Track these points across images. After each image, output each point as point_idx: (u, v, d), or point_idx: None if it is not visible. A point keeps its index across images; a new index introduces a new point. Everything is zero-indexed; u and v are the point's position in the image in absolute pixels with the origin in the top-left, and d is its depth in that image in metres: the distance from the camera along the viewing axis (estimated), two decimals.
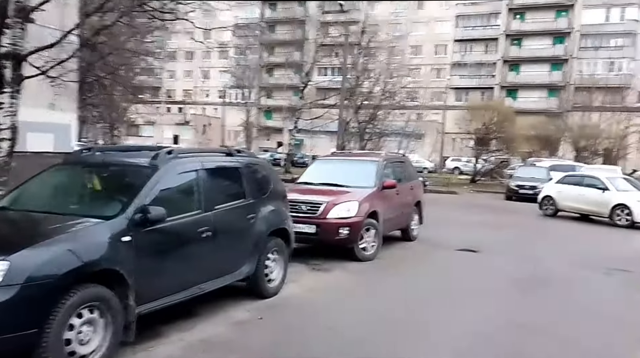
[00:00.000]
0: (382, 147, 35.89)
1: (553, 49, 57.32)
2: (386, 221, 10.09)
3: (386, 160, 10.88)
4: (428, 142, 58.41)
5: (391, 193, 10.38)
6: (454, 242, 11.72)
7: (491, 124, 33.71)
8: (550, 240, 13.50)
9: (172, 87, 73.76)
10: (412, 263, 9.70)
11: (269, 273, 6.86)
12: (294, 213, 9.00)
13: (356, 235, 9.12)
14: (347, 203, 9.19)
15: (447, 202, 22.65)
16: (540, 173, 26.07)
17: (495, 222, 16.16)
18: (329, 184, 10.09)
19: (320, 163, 11.35)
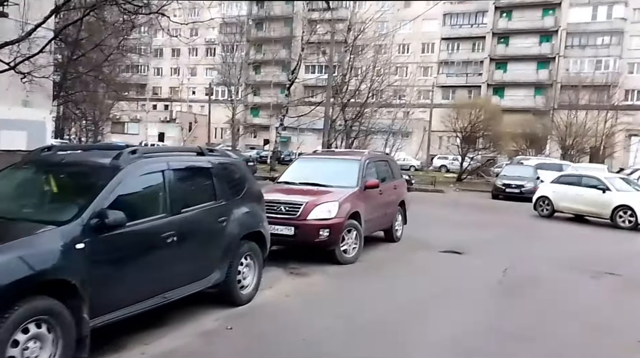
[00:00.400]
0: (369, 145, 35.77)
1: (540, 48, 57.29)
2: (368, 222, 9.77)
3: (369, 159, 10.54)
4: (415, 140, 58.29)
5: (374, 192, 10.06)
6: (438, 243, 11.42)
7: (477, 122, 33.49)
8: (538, 240, 13.22)
9: (158, 85, 73.10)
10: (394, 266, 9.38)
11: (241, 279, 6.51)
12: (273, 214, 8.69)
13: (337, 236, 8.79)
14: (327, 204, 8.85)
15: (433, 201, 22.41)
16: (527, 171, 25.91)
17: (481, 222, 15.87)
18: (310, 184, 9.74)
19: (302, 162, 10.99)
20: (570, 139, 39.96)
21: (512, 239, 12.91)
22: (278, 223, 8.68)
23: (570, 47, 56.09)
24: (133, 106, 60.43)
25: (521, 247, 11.84)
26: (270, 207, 8.78)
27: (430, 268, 9.36)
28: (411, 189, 26.60)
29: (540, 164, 29.36)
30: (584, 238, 14.17)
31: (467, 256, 10.44)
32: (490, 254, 10.69)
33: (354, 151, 12.01)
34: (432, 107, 50.62)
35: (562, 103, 47.12)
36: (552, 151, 44.33)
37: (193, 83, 69.83)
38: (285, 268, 8.55)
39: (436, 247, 10.99)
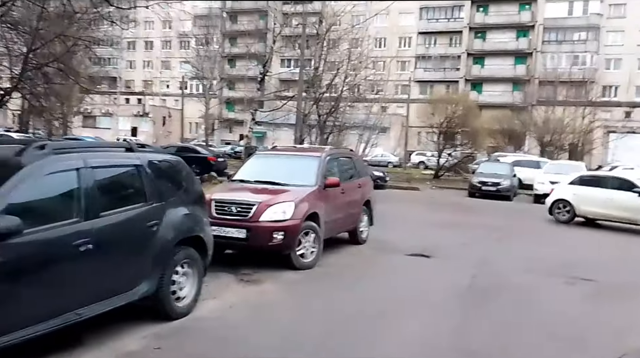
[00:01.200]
0: (344, 141, 35.19)
1: (517, 43, 57.23)
2: (329, 224, 9.16)
3: (330, 155, 9.91)
4: (393, 136, 57.82)
5: (335, 191, 9.45)
6: (407, 245, 10.86)
7: (454, 117, 33.08)
8: (513, 242, 12.68)
9: (131, 78, 71.64)
10: (355, 272, 8.78)
11: (177, 289, 5.84)
12: (223, 215, 8.08)
13: (293, 240, 8.16)
14: (282, 204, 8.21)
15: (407, 199, 21.92)
16: (504, 168, 25.55)
17: (455, 222, 15.34)
18: (265, 183, 9.09)
19: (258, 159, 10.30)
20: (548, 136, 39.81)
21: (486, 241, 12.36)
22: (229, 225, 8.05)
23: (548, 43, 56.07)
24: (105, 100, 58.97)
25: (494, 250, 11.30)
26: (220, 208, 8.18)
27: (394, 274, 8.76)
28: (385, 187, 26.17)
29: (517, 161, 29.07)
30: (566, 239, 13.72)
31: (436, 260, 9.89)
32: (460, 258, 10.14)
33: (315, 148, 11.38)
34: (409, 102, 50.19)
35: (540, 99, 47.01)
36: (530, 147, 44.23)
37: (167, 76, 68.52)
38: (237, 274, 7.90)
39: (403, 250, 10.42)
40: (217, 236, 7.99)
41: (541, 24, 55.93)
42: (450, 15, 60.62)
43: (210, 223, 8.03)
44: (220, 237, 8.05)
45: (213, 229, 7.97)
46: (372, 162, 49.68)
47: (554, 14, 55.45)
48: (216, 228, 8.02)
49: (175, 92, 65.93)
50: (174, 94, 66.71)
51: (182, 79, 54.13)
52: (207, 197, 8.42)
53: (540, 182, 23.17)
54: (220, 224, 8.07)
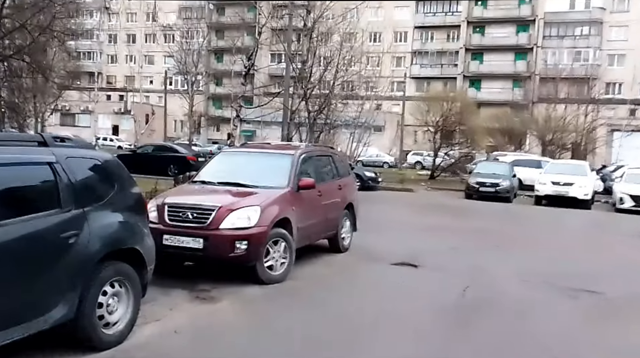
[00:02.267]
0: (335, 140, 34.36)
1: (517, 38, 56.70)
2: (303, 230, 8.34)
3: (305, 153, 9.07)
4: (388, 135, 57.12)
5: (311, 194, 8.61)
6: (393, 253, 10.03)
7: (450, 115, 32.29)
8: (511, 248, 11.84)
9: (112, 73, 70.59)
10: (330, 285, 7.94)
11: (105, 314, 4.99)
12: (177, 222, 7.27)
13: (258, 250, 7.31)
14: (246, 209, 7.37)
15: (399, 201, 21.14)
16: (502, 168, 24.78)
17: (448, 226, 14.50)
18: (230, 184, 8.26)
19: (224, 157, 9.41)
20: (550, 134, 39.16)
21: (481, 247, 11.52)
22: (183, 233, 7.22)
23: (549, 38, 55.58)
24: (84, 96, 58.05)
25: (489, 257, 10.46)
26: (174, 214, 7.36)
27: (375, 287, 7.92)
28: (377, 188, 25.41)
29: (517, 161, 28.35)
30: (571, 244, 12.90)
31: (424, 270, 9.07)
32: (451, 267, 9.32)
33: (289, 145, 10.51)
34: (405, 100, 49.40)
35: (541, 96, 46.47)
36: (531, 146, 43.62)
37: (150, 72, 67.51)
38: (192, 290, 7.06)
39: (389, 258, 9.59)
40: (169, 247, 7.26)
41: (542, 18, 55.38)
42: (447, 9, 60.01)
43: (163, 232, 7.28)
44: (174, 248, 7.28)
45: (166, 238, 7.24)
46: (367, 162, 49.30)
47: (555, 8, 54.94)
48: (169, 237, 7.26)
49: (159, 89, 65.01)
50: (157, 90, 65.80)
51: (164, 74, 53.15)
52: (159, 201, 7.63)
53: (541, 182, 22.46)
54: (173, 232, 7.25)
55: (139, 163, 26.87)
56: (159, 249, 7.39)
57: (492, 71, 56.88)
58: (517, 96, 53.46)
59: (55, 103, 47.95)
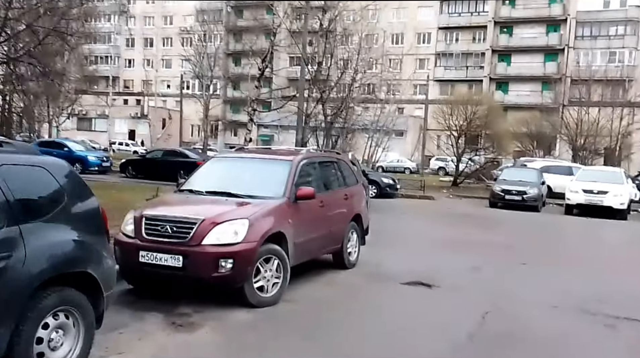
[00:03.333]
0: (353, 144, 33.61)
1: (547, 38, 55.40)
2: (301, 246, 7.59)
3: (306, 160, 8.31)
4: (410, 140, 56.21)
5: (311, 204, 7.86)
6: (406, 270, 9.24)
7: (474, 118, 31.31)
8: (540, 265, 10.91)
9: (130, 77, 70.67)
10: (330, 310, 7.15)
11: (46, 350, 4.29)
12: (155, 237, 6.60)
13: (245, 269, 6.58)
14: (232, 222, 6.64)
15: (418, 210, 20.30)
16: (530, 175, 23.79)
17: (469, 238, 13.64)
18: (220, 194, 7.53)
19: (216, 164, 8.66)
20: (581, 139, 37.97)
21: (505, 264, 10.64)
22: (161, 249, 6.52)
23: (581, 38, 54.26)
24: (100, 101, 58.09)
25: (515, 277, 9.60)
26: (152, 227, 6.70)
27: (380, 312, 7.11)
28: (396, 196, 24.58)
29: (546, 167, 27.30)
30: (609, 262, 11.92)
31: (438, 291, 8.25)
32: (470, 288, 8.49)
33: (289, 151, 9.71)
34: (428, 103, 48.43)
35: (572, 99, 45.20)
36: (561, 151, 42.43)
37: (167, 75, 67.41)
38: (170, 314, 6.34)
39: (400, 277, 8.78)
40: (146, 265, 6.60)
41: (574, 17, 54.09)
42: (473, 9, 58.98)
43: (139, 247, 6.62)
44: (151, 266, 6.60)
45: (142, 255, 6.57)
46: (387, 168, 48.47)
47: (588, 7, 53.71)
48: (145, 254, 6.58)
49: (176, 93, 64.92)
50: (174, 94, 65.72)
51: (180, 78, 52.94)
52: (137, 213, 6.96)
53: (572, 191, 21.44)
54: (150, 248, 6.56)
55: (148, 168, 26.48)
56: (135, 267, 6.80)
57: (521, 73, 55.66)
58: (546, 99, 52.09)
59: (71, 108, 48.01)
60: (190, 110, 55.66)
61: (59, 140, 30.96)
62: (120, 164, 28.34)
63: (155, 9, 64.50)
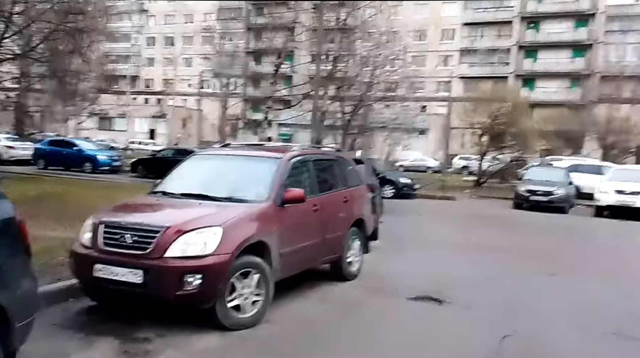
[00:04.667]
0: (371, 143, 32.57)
1: (575, 33, 53.63)
2: (289, 256, 6.59)
3: (297, 157, 7.28)
4: (433, 138, 54.83)
5: (301, 209, 6.85)
6: (415, 282, 8.21)
7: (498, 115, 29.94)
8: (567, 277, 9.71)
9: (150, 76, 70.32)
10: (320, 332, 6.09)
11: None
12: (113, 247, 5.65)
13: (216, 286, 5.59)
14: (201, 231, 5.65)
15: (436, 211, 19.16)
16: (557, 175, 22.46)
17: (489, 244, 12.48)
18: (195, 196, 6.57)
19: (195, 162, 7.62)
20: (612, 137, 36.39)
21: (528, 275, 9.49)
22: (119, 262, 5.57)
23: (611, 33, 52.42)
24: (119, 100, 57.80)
25: (538, 290, 8.46)
26: (110, 236, 5.75)
27: (379, 335, 6.06)
28: (414, 196, 23.43)
29: (574, 166, 25.89)
30: None
31: (450, 308, 7.17)
32: (486, 303, 7.41)
33: (281, 147, 8.62)
34: (451, 101, 47.02)
35: (602, 96, 43.58)
36: (590, 150, 40.83)
37: (187, 74, 66.89)
38: (127, 339, 5.39)
39: (407, 290, 7.74)
40: (103, 281, 5.67)
41: (603, 12, 52.27)
42: (498, 4, 57.44)
43: (94, 260, 5.69)
44: (108, 282, 5.64)
45: (98, 269, 5.64)
46: (409, 167, 47.19)
47: (618, 1, 51.90)
48: (102, 268, 5.65)
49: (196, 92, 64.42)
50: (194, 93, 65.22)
51: (199, 76, 52.33)
52: (96, 219, 6.03)
53: (603, 191, 20.08)
54: (107, 261, 5.62)
55: (159, 167, 25.55)
56: (91, 283, 5.87)
57: (547, 70, 53.96)
58: (574, 96, 50.40)
59: (90, 107, 47.67)
60: (210, 109, 55.07)
61: (69, 139, 30.41)
62: (131, 164, 27.65)
63: (176, 7, 63.98)
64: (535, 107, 46.07)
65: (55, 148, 26.61)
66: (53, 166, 25.97)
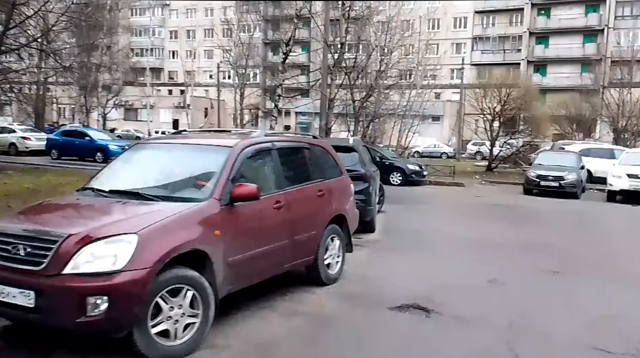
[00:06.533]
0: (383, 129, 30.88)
1: (586, 19, 50.98)
2: (241, 265, 5.15)
3: (255, 146, 5.75)
4: (447, 125, 52.98)
5: (258, 207, 5.39)
6: (401, 286, 6.75)
7: (509, 100, 28.05)
8: (580, 273, 8.08)
9: (173, 69, 69.14)
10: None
11: None
12: (2, 261, 4.20)
13: (130, 309, 4.15)
14: (110, 241, 4.20)
15: (443, 199, 17.54)
16: (568, 159, 20.65)
17: (493, 236, 10.86)
18: (125, 194, 5.12)
19: (135, 153, 6.10)
20: (623, 120, 34.22)
21: (534, 274, 7.89)
22: (6, 280, 4.16)
23: (621, 18, 49.78)
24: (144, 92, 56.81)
25: (544, 295, 6.91)
26: (1, 246, 4.30)
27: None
28: (423, 183, 21.83)
29: (586, 150, 24.00)
30: None
31: (438, 320, 5.67)
32: (483, 314, 5.89)
33: (237, 134, 6.93)
34: (464, 88, 45.05)
35: (613, 80, 41.17)
36: (602, 134, 38.66)
37: (209, 66, 65.49)
38: None
39: (392, 297, 6.26)
40: None
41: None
42: None
43: None
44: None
45: None
46: (424, 153, 45.45)
47: None
48: None
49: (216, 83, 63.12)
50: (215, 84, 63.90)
51: (217, 67, 51.06)
52: None
53: (615, 175, 18.30)
54: None
55: None
56: None
57: (559, 55, 51.47)
58: (586, 81, 47.94)
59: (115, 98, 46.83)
60: (231, 99, 53.72)
61: (81, 129, 29.25)
62: None
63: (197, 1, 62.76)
64: (547, 92, 43.97)
65: (67, 138, 25.44)
66: (66, 156, 24.81)
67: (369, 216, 10.17)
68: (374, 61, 27.74)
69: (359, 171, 9.98)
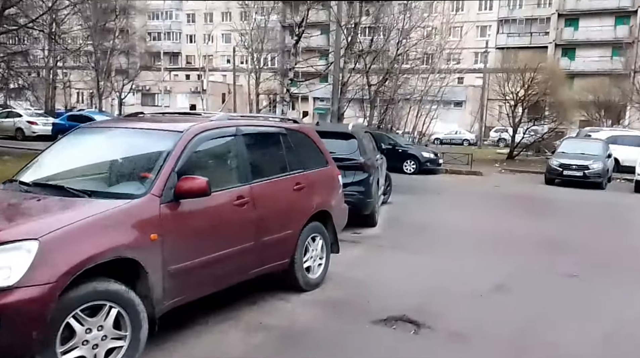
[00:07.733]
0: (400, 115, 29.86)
1: (618, 0, 48.83)
2: (188, 274, 4.34)
3: (211, 130, 4.89)
4: (470, 110, 51.48)
5: (213, 204, 4.56)
6: (394, 291, 5.93)
7: (533, 84, 26.77)
8: (602, 277, 7.11)
9: (191, 53, 68.53)
10: None
11: None
12: None
13: (27, 335, 3.35)
14: (2, 248, 3.42)
15: (458, 189, 16.54)
16: (594, 147, 19.43)
17: (507, 232, 9.88)
18: (52, 188, 4.32)
19: (75, 138, 5.20)
20: None
21: (546, 277, 6.98)
22: None
23: None
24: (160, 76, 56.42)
25: (558, 302, 5.99)
26: None
27: None
28: (439, 172, 20.85)
29: (613, 138, 22.71)
30: None
31: (429, 337, 4.80)
32: (482, 332, 5.00)
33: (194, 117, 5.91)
34: (487, 72, 43.56)
35: None
36: (632, 120, 37.04)
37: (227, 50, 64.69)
38: None
39: (379, 307, 5.42)
40: None
41: None
42: None
43: None
44: None
45: None
46: (445, 140, 44.26)
47: None
48: None
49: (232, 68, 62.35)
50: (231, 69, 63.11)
51: (233, 51, 50.31)
52: None
53: None
54: None
55: None
56: None
57: (589, 38, 49.53)
58: (616, 65, 46.03)
59: (132, 83, 46.58)
60: (247, 84, 53.01)
61: (86, 113, 28.86)
62: None
63: None
64: (575, 77, 42.34)
65: (73, 123, 24.90)
66: None
67: (368, 209, 9.32)
68: (392, 44, 26.72)
69: (357, 159, 9.10)
